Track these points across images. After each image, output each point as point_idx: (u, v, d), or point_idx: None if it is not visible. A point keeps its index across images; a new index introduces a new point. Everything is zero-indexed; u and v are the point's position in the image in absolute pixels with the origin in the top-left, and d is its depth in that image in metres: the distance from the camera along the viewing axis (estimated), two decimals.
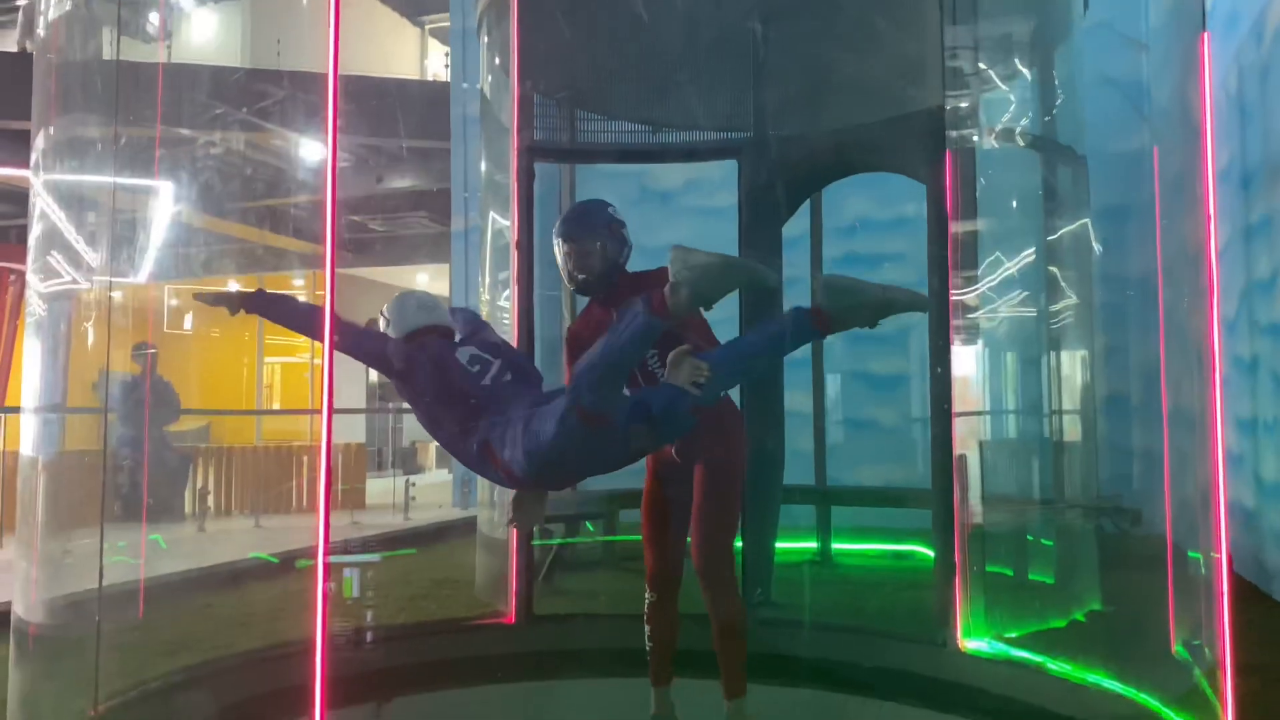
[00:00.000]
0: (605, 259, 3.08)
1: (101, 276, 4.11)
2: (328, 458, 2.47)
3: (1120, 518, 5.28)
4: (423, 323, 2.94)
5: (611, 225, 3.11)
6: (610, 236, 3.09)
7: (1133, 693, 3.56)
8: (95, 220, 4.37)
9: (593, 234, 3.09)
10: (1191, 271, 3.71)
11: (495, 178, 6.21)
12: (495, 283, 6.50)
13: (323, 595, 2.39)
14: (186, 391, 11.22)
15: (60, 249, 3.95)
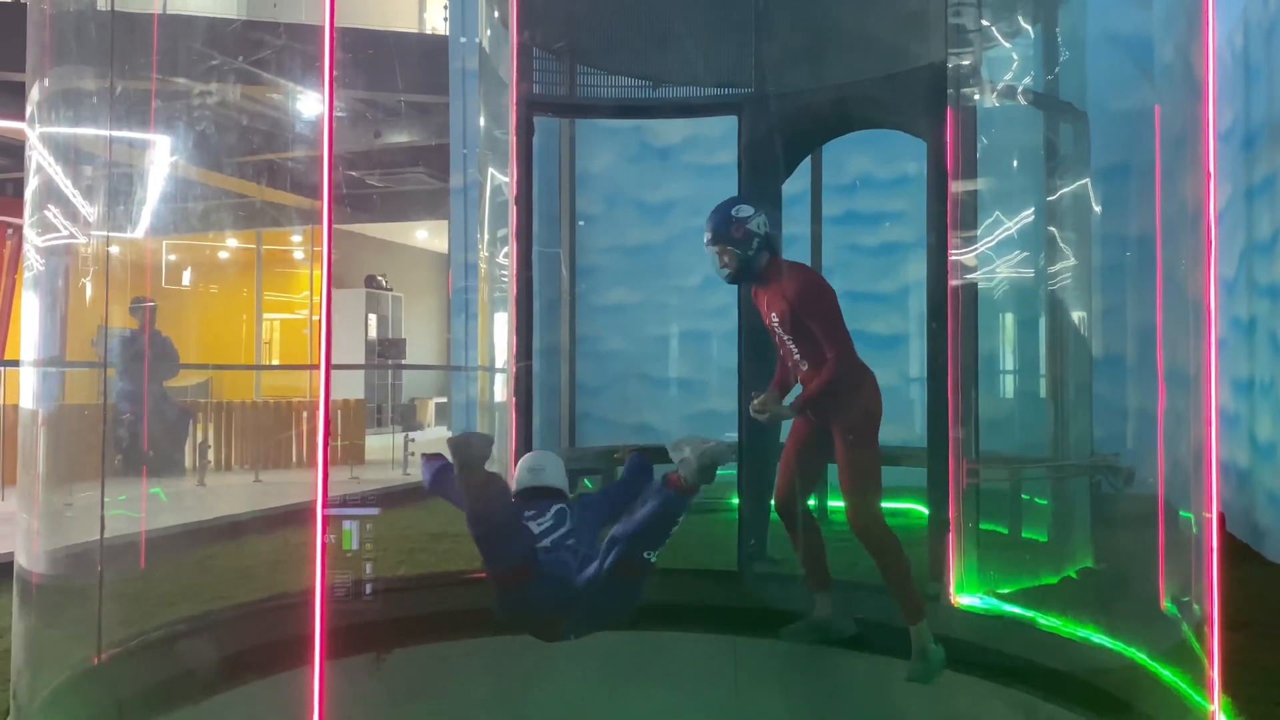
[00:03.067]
0: (738, 256, 3.64)
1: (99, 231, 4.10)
2: (326, 408, 2.49)
3: (1115, 476, 5.31)
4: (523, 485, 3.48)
5: (734, 226, 3.64)
6: (736, 237, 3.62)
7: (1121, 647, 3.61)
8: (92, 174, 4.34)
9: (718, 238, 3.68)
10: (1191, 231, 3.70)
11: (494, 133, 6.16)
12: (494, 239, 6.48)
13: (322, 547, 2.42)
14: (186, 347, 11.22)
15: (57, 203, 3.93)
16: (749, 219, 3.63)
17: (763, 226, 3.65)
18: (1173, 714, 3.09)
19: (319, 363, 2.60)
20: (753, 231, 3.61)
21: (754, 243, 3.62)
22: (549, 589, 3.07)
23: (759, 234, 3.62)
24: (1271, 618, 4.26)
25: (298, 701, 2.23)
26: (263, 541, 5.97)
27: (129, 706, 3.22)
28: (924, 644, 3.52)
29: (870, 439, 3.66)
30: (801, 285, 3.61)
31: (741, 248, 3.62)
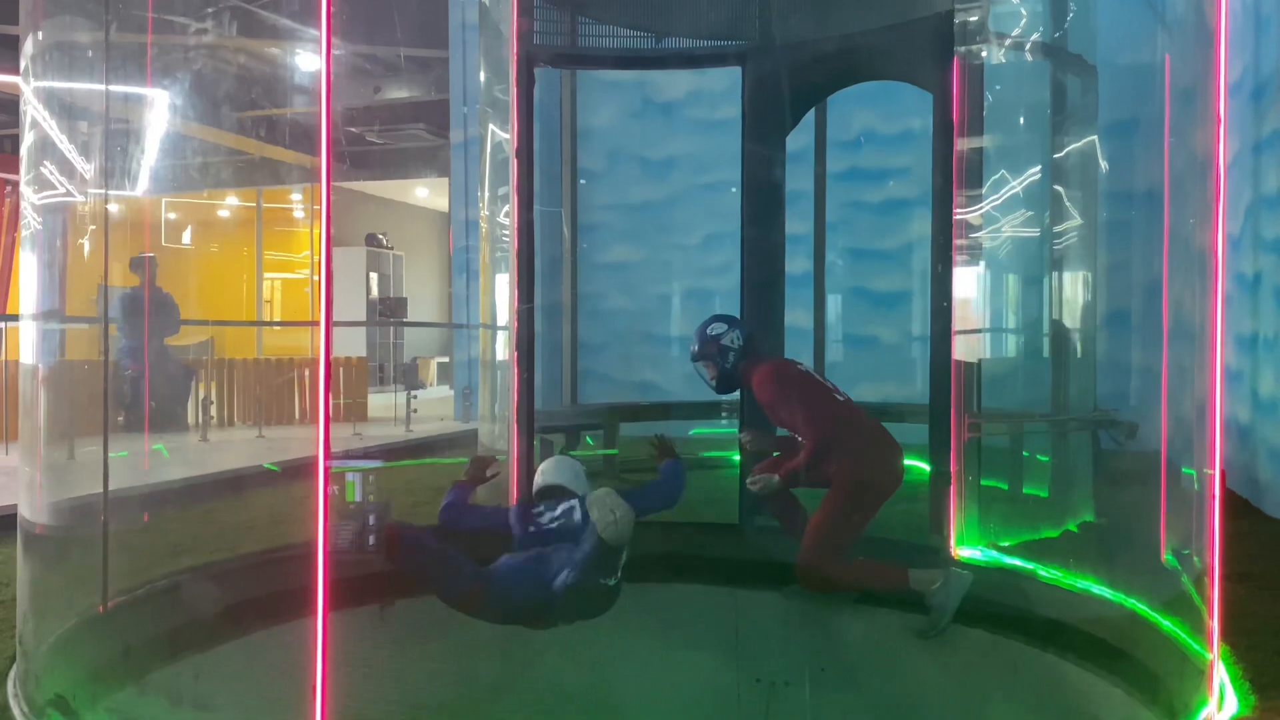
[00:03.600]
0: (717, 368, 4.16)
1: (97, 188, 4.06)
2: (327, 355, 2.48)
3: (1117, 431, 5.32)
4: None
5: (709, 343, 4.15)
6: (712, 353, 4.15)
7: (1121, 598, 3.63)
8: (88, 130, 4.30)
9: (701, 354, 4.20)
10: (1198, 185, 3.66)
11: (495, 89, 6.09)
12: (495, 197, 6.43)
13: (323, 499, 2.42)
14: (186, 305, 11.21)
15: (53, 159, 3.89)
16: (721, 335, 4.15)
17: (735, 341, 4.13)
18: (1172, 663, 3.10)
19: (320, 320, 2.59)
20: (726, 346, 4.13)
21: (729, 356, 4.13)
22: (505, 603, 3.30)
23: (732, 348, 4.13)
24: (1270, 570, 4.28)
25: (302, 650, 2.24)
26: (265, 495, 6.00)
27: (135, 653, 3.24)
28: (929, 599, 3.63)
29: (856, 505, 3.87)
30: (756, 386, 4.07)
31: (718, 361, 4.13)
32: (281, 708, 2.81)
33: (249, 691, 3.14)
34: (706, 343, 4.16)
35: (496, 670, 3.44)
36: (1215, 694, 2.85)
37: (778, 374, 4.06)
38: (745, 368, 4.13)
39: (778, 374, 4.06)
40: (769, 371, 4.06)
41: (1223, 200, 3.07)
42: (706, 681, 3.24)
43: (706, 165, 8.86)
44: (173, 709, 3.05)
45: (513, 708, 3.01)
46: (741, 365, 4.13)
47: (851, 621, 3.92)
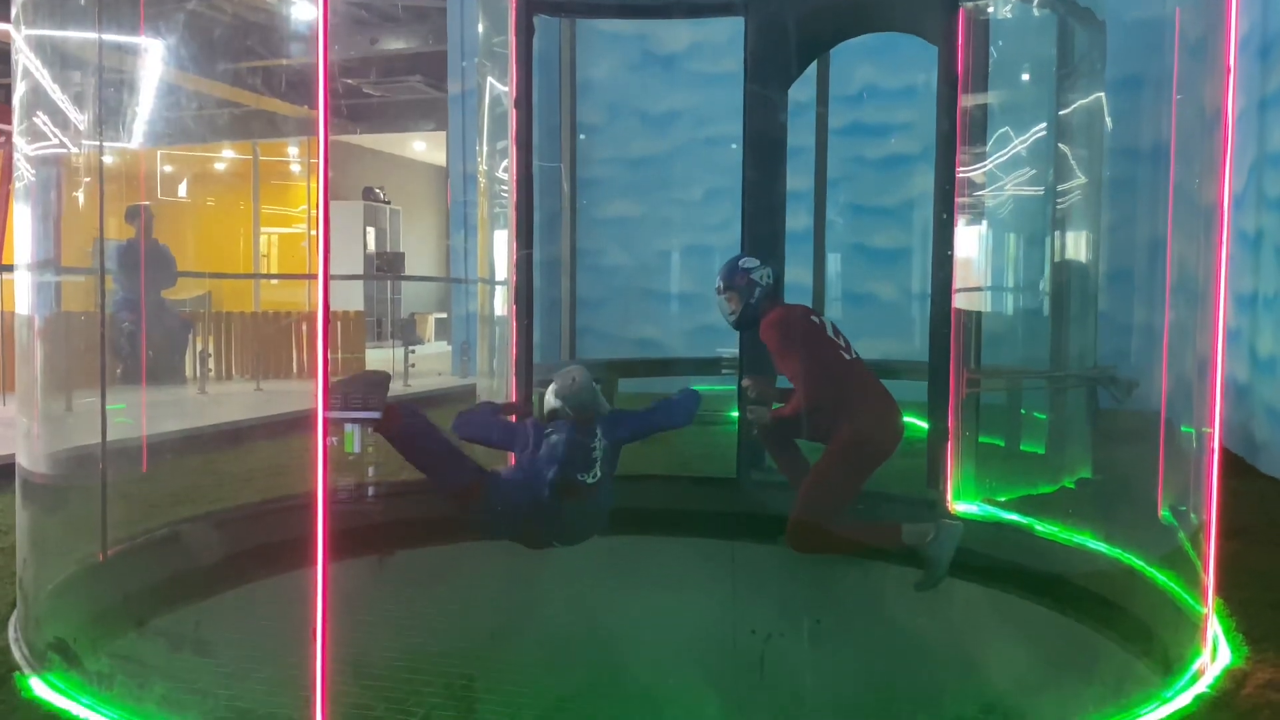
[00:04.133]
0: (741, 302, 4.05)
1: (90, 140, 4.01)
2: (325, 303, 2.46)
3: (1116, 388, 5.32)
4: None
5: (739, 275, 4.04)
6: (740, 285, 4.04)
7: (1117, 553, 3.65)
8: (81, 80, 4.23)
9: (729, 285, 4.08)
10: (1205, 141, 3.62)
11: (493, 40, 6.00)
12: (493, 151, 6.37)
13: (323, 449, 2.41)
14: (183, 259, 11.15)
15: (46, 110, 3.83)
16: (753, 270, 4.06)
17: (766, 278, 4.04)
18: (1167, 616, 3.13)
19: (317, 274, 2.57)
20: (755, 282, 4.04)
21: (756, 292, 4.04)
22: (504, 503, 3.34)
23: (761, 284, 4.04)
24: (1264, 526, 4.30)
25: (302, 599, 2.25)
26: (264, 447, 6.00)
27: (135, 600, 3.26)
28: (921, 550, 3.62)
29: (852, 468, 3.84)
30: (764, 329, 4.00)
31: (745, 295, 4.04)
32: (282, 654, 2.83)
33: (250, 638, 3.16)
34: (736, 274, 4.06)
35: (496, 619, 3.46)
36: (1209, 646, 2.87)
37: (786, 321, 3.99)
38: (765, 308, 4.05)
39: (786, 321, 3.99)
40: (779, 318, 4.00)
41: (1230, 151, 3.04)
42: (703, 632, 3.27)
43: (707, 119, 8.78)
44: (173, 653, 3.08)
45: (512, 656, 3.04)
46: (765, 305, 4.04)
47: (846, 574, 3.94)
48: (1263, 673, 2.65)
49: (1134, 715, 2.45)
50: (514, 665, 2.95)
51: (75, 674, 2.68)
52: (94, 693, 2.56)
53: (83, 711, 2.43)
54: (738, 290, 4.05)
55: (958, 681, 2.98)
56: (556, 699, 2.72)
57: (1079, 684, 2.93)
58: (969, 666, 3.05)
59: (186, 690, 2.67)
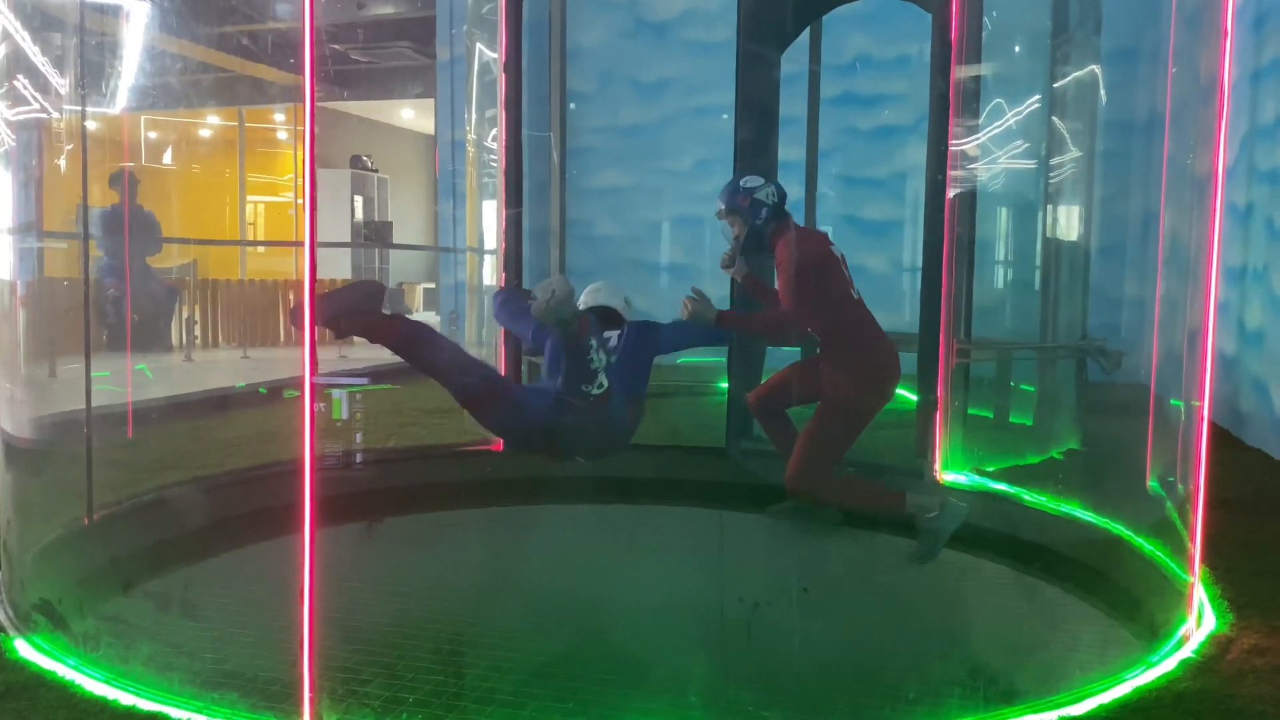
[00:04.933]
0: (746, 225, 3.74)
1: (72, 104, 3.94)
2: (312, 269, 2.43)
3: (1105, 360, 5.33)
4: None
5: (741, 196, 3.74)
6: (743, 207, 3.73)
7: (1104, 522, 3.67)
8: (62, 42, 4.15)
9: (729, 209, 3.77)
10: (1199, 113, 3.61)
11: (482, 7, 5.92)
12: (482, 119, 6.30)
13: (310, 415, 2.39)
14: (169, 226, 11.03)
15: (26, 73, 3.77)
16: (756, 189, 3.73)
17: (771, 197, 3.72)
18: (1153, 584, 3.15)
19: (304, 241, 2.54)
20: (761, 201, 3.71)
21: (762, 212, 3.71)
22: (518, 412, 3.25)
23: (767, 203, 3.71)
24: (1250, 496, 4.33)
25: (290, 563, 2.23)
26: (250, 415, 5.97)
27: (121, 564, 3.24)
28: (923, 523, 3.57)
29: (848, 420, 3.70)
30: (780, 247, 3.69)
31: (749, 217, 3.71)
32: (270, 617, 2.82)
33: (238, 601, 3.16)
34: (737, 195, 3.74)
35: (483, 584, 3.46)
36: (1194, 613, 2.89)
37: (805, 241, 3.72)
38: (778, 228, 3.73)
39: (805, 241, 3.72)
40: (800, 237, 3.72)
41: (1225, 122, 3.03)
42: (690, 599, 3.27)
43: (699, 88, 8.69)
44: (160, 615, 3.06)
45: (498, 620, 3.03)
46: (774, 225, 3.73)
47: (834, 543, 3.95)
48: (1247, 639, 2.67)
49: (1119, 680, 2.47)
50: (501, 629, 2.95)
51: (61, 635, 2.66)
52: (80, 654, 2.55)
53: (68, 672, 2.42)
54: (740, 213, 3.74)
55: (946, 648, 2.99)
56: (543, 662, 2.72)
57: (1065, 650, 2.95)
58: (957, 634, 3.06)
59: (173, 652, 2.66)
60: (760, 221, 3.72)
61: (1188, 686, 2.39)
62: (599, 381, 3.21)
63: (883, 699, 2.54)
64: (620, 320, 3.61)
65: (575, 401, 3.20)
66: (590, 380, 3.19)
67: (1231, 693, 2.35)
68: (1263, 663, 2.51)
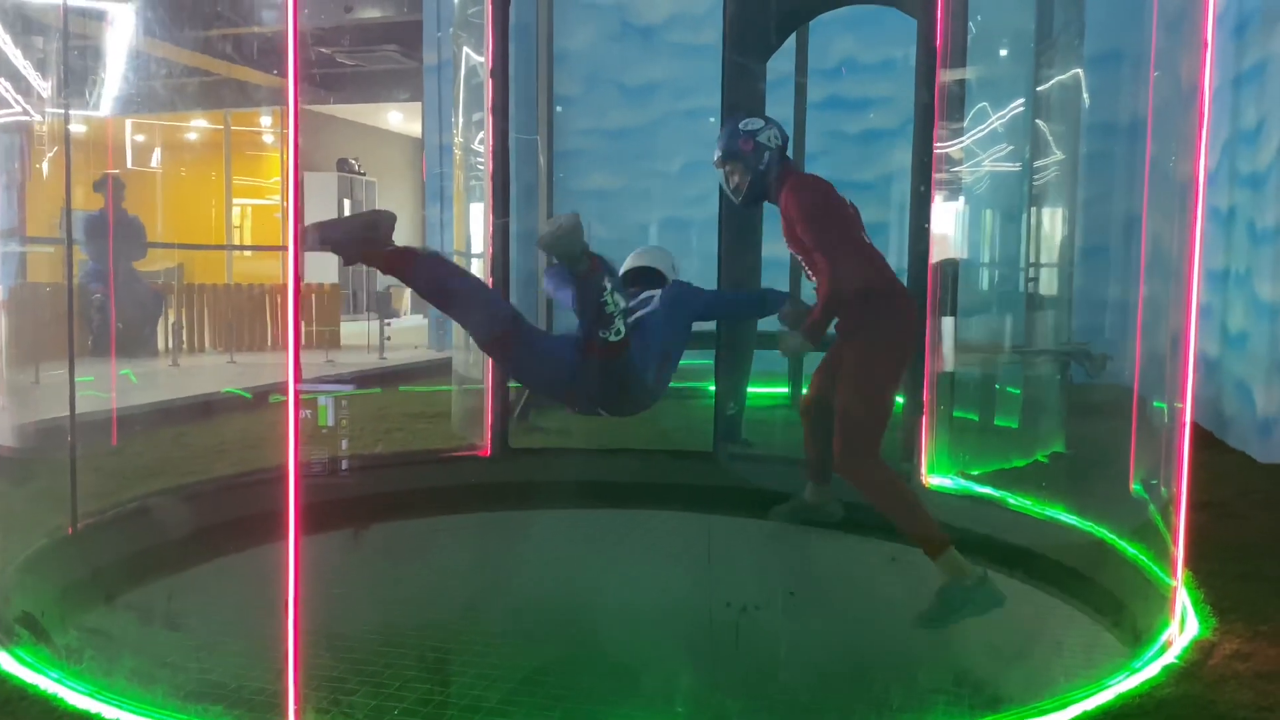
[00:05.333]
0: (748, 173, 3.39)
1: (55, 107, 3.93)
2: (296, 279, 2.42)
3: (1090, 363, 5.36)
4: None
5: (742, 139, 3.39)
6: (745, 152, 3.38)
7: (1089, 526, 3.68)
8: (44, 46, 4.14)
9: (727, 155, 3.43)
10: (1181, 117, 3.64)
11: (469, 10, 5.92)
12: (469, 123, 6.30)
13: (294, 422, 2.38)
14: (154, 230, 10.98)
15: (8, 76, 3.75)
16: (757, 132, 3.39)
17: (774, 139, 3.39)
18: (1136, 588, 3.16)
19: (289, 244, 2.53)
20: (763, 145, 3.37)
21: (765, 157, 3.37)
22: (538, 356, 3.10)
23: (769, 147, 3.37)
24: (1233, 499, 4.36)
25: (272, 572, 2.22)
26: (237, 420, 5.95)
27: (105, 574, 3.22)
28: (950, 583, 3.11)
29: (880, 373, 3.29)
30: (791, 189, 3.31)
31: (751, 162, 3.37)
32: (255, 627, 2.81)
33: (222, 611, 3.14)
34: (737, 139, 3.38)
35: (470, 591, 3.46)
36: (1177, 617, 2.91)
37: (819, 188, 3.37)
38: (781, 174, 3.38)
39: (819, 188, 3.37)
40: (812, 182, 3.38)
41: (1206, 125, 3.05)
42: (678, 605, 3.28)
43: (686, 91, 8.71)
44: (144, 627, 3.05)
45: (485, 630, 3.03)
46: (778, 171, 3.38)
47: (822, 546, 3.96)
48: (1229, 644, 2.69)
49: (1103, 685, 2.48)
50: (488, 637, 2.94)
51: (43, 648, 2.65)
52: (63, 666, 2.54)
53: (51, 685, 2.40)
54: (741, 159, 3.39)
55: (931, 652, 3.01)
56: (531, 670, 2.72)
57: (1050, 655, 2.96)
58: (942, 638, 3.07)
59: (157, 664, 2.65)
60: (763, 168, 3.36)
61: (1170, 692, 2.40)
62: (616, 328, 3.00)
63: (869, 706, 2.55)
64: (664, 282, 3.48)
65: (594, 347, 2.99)
66: (606, 325, 2.98)
67: (1214, 698, 2.37)
68: (1245, 668, 2.52)
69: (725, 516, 4.23)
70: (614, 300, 3.02)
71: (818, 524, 3.93)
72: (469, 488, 4.44)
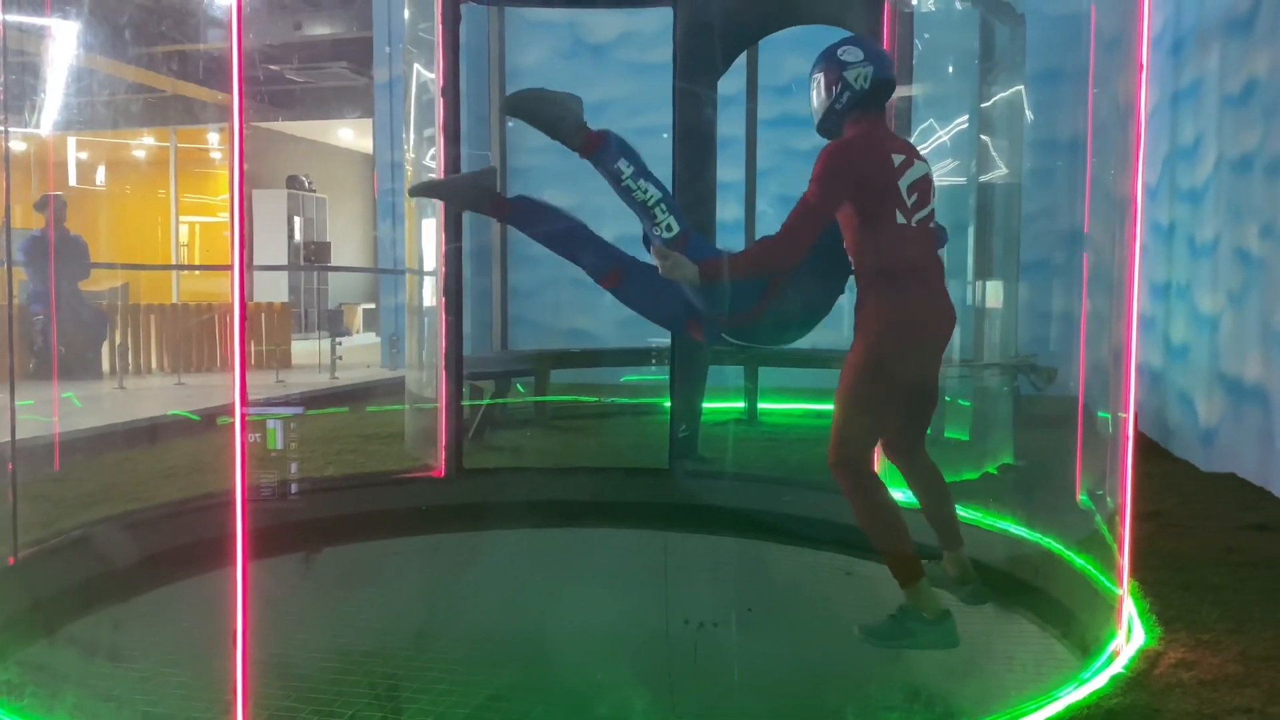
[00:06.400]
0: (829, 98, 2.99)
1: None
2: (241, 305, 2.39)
3: (1037, 376, 5.45)
4: None
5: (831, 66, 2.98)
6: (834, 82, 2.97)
7: (1037, 537, 3.74)
8: None
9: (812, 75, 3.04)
10: (1119, 134, 3.72)
11: (419, 26, 5.90)
12: (420, 139, 6.27)
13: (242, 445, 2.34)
14: (99, 248, 10.78)
15: None
16: (850, 65, 2.97)
17: (863, 80, 2.96)
18: (1084, 598, 3.21)
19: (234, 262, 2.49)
20: (847, 82, 2.98)
21: (845, 97, 2.97)
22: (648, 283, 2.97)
23: (854, 87, 2.97)
24: (1177, 508, 4.45)
25: (222, 599, 2.18)
26: (185, 443, 5.84)
27: (46, 606, 3.14)
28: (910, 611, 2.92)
29: (872, 374, 2.96)
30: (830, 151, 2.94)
31: (828, 94, 2.99)
32: (202, 657, 2.75)
33: (167, 642, 3.08)
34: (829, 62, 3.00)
35: (423, 618, 3.42)
36: (1124, 627, 2.96)
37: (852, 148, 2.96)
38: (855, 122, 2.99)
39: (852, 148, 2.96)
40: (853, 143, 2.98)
41: (1143, 147, 3.12)
42: (635, 624, 3.27)
43: (638, 109, 8.74)
44: (87, 661, 2.97)
45: (439, 655, 3.00)
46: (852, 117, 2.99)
47: (778, 561, 3.98)
48: (1174, 653, 2.74)
49: (1053, 697, 2.51)
50: (443, 664, 2.91)
51: None
52: (2, 703, 2.47)
53: None
54: (822, 82, 3.02)
55: (885, 667, 3.02)
56: (486, 697, 2.70)
57: (1001, 667, 3.00)
58: (896, 653, 3.09)
59: (101, 698, 2.59)
60: (839, 107, 2.98)
61: (1118, 702, 2.44)
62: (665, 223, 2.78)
63: None
64: None
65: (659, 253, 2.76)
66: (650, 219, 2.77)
67: (1159, 707, 2.41)
68: (1189, 676, 2.57)
69: (682, 533, 4.23)
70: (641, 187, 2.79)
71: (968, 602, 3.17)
72: (422, 509, 4.40)
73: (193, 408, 6.64)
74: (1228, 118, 5.45)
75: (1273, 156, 4.86)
